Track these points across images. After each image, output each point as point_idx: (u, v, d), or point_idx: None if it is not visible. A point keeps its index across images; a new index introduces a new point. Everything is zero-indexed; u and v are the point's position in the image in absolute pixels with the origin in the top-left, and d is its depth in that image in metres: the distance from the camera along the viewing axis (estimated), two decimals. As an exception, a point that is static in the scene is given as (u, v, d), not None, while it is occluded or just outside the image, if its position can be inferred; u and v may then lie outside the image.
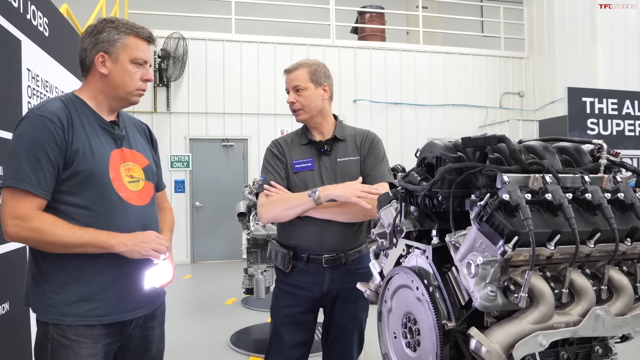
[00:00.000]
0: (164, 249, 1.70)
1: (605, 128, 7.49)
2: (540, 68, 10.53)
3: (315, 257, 2.25)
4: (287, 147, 2.37)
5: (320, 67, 2.34)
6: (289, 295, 2.31)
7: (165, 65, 8.85)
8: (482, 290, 1.03)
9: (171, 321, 2.12)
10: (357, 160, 2.32)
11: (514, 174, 1.11)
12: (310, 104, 2.30)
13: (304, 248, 2.27)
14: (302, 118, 2.33)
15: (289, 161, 2.32)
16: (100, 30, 1.69)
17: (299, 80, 2.29)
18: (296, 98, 2.30)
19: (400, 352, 1.28)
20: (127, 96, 1.75)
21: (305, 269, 2.27)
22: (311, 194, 2.13)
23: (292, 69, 2.32)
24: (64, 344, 1.60)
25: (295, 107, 2.31)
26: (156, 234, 1.73)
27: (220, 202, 9.03)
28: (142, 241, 1.65)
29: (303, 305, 2.30)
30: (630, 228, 1.11)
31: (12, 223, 1.54)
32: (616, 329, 1.07)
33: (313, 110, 2.31)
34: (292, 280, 2.30)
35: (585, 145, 1.31)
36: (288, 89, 2.33)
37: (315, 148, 2.33)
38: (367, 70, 9.90)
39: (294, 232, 2.28)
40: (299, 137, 2.39)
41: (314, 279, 2.27)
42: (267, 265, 4.53)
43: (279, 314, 2.33)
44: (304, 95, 2.29)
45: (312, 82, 2.29)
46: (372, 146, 2.35)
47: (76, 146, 1.61)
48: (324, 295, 2.29)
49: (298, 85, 2.29)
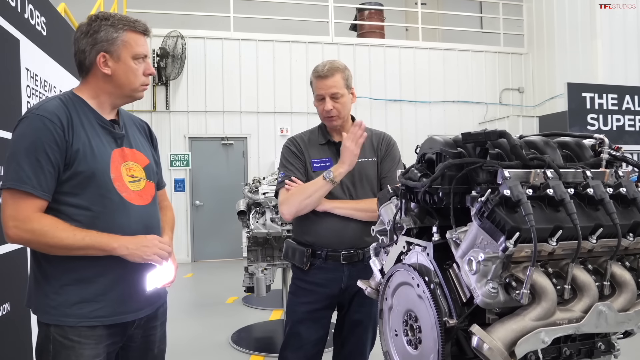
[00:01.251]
0: (166, 254, 1.68)
1: (605, 123, 7.49)
2: (540, 64, 10.51)
3: (334, 253, 2.27)
4: (305, 145, 2.38)
5: (348, 71, 2.35)
6: (307, 292, 2.33)
7: (164, 64, 8.83)
8: (484, 287, 1.02)
9: (172, 320, 2.12)
10: (374, 162, 2.35)
11: (515, 169, 1.10)
12: (346, 110, 2.32)
13: (322, 245, 2.28)
14: (337, 124, 2.33)
15: (308, 159, 2.34)
16: (96, 29, 1.65)
17: (337, 87, 2.27)
18: (334, 105, 2.27)
19: (402, 350, 1.28)
20: (132, 93, 1.74)
21: (324, 265, 2.29)
22: (326, 176, 2.15)
23: (329, 75, 2.27)
24: (66, 345, 1.59)
25: (333, 113, 2.29)
26: (158, 238, 1.71)
27: (220, 200, 9.02)
28: (144, 245, 1.64)
29: (321, 302, 2.32)
30: (633, 223, 1.10)
31: (13, 225, 1.53)
32: (619, 325, 1.06)
33: (347, 116, 2.35)
34: (310, 277, 2.32)
35: (586, 140, 1.31)
36: (323, 95, 2.28)
37: (334, 148, 2.34)
38: (366, 68, 9.89)
39: (311, 228, 2.29)
40: (316, 136, 2.40)
41: (332, 275, 2.29)
42: (268, 264, 4.53)
43: (297, 310, 2.34)
44: (341, 102, 2.29)
45: (346, 87, 2.31)
46: (389, 148, 2.39)
47: (76, 146, 1.60)
48: (342, 292, 2.32)
49: (337, 93, 2.27)
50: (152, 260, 1.64)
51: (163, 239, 1.74)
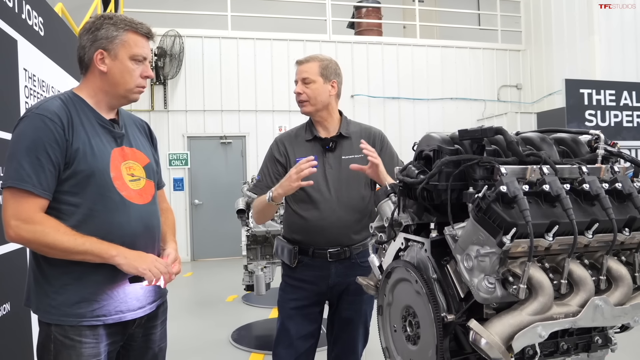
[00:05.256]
0: (159, 275, 1.66)
1: (604, 119, 7.48)
2: (538, 60, 10.51)
3: (320, 251, 2.29)
4: (291, 143, 2.39)
5: (332, 63, 2.37)
6: (295, 289, 2.35)
7: (161, 63, 8.82)
8: (481, 282, 1.03)
9: (172, 319, 2.12)
10: (362, 158, 2.32)
11: (512, 165, 1.11)
12: (317, 97, 2.32)
13: (309, 243, 2.31)
14: (307, 110, 2.35)
15: (292, 158, 2.34)
16: (98, 27, 1.67)
17: (308, 72, 2.32)
18: (303, 89, 2.32)
19: (401, 346, 1.29)
20: (126, 94, 1.73)
21: (311, 263, 2.31)
22: (267, 195, 2.20)
23: (304, 61, 2.35)
24: (67, 344, 1.59)
25: (302, 98, 2.33)
26: (158, 259, 1.70)
27: (219, 199, 9.02)
28: (141, 258, 1.64)
29: (309, 299, 2.34)
30: (629, 218, 1.11)
31: (14, 225, 1.53)
32: (615, 319, 1.07)
33: (319, 104, 2.34)
34: (298, 274, 2.34)
35: (582, 136, 1.32)
36: (296, 79, 2.35)
37: (320, 144, 2.35)
38: (364, 65, 9.88)
39: (298, 227, 2.32)
40: (304, 132, 2.41)
41: (319, 272, 2.31)
42: (267, 262, 4.54)
43: (286, 307, 2.37)
44: (311, 87, 2.31)
45: (322, 76, 2.32)
46: (384, 145, 2.41)
47: (76, 145, 1.60)
48: (330, 289, 2.34)
49: (307, 78, 2.31)
50: (145, 275, 1.63)
51: (162, 261, 1.72)
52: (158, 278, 1.66)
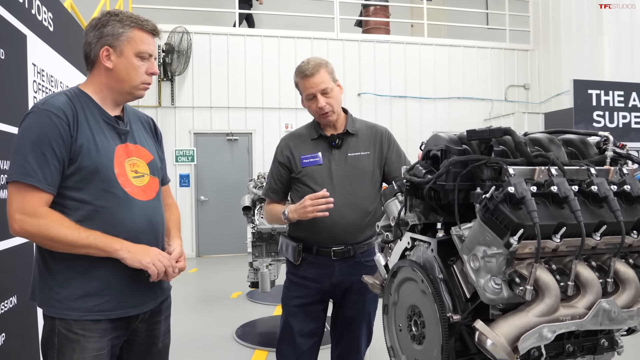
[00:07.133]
0: (162, 268, 1.66)
1: (612, 120, 7.44)
2: (546, 60, 10.45)
3: (324, 249, 2.29)
4: (296, 143, 2.39)
5: (330, 64, 2.35)
6: (298, 286, 2.35)
7: (169, 60, 8.84)
8: (488, 283, 1.03)
9: (177, 315, 2.13)
10: (368, 155, 2.33)
11: (520, 166, 1.11)
12: (338, 104, 2.31)
13: (313, 240, 2.31)
14: (333, 119, 2.32)
15: (297, 157, 2.34)
16: (104, 23, 1.68)
17: (325, 82, 2.25)
18: (327, 101, 2.26)
19: (406, 345, 1.29)
20: (132, 90, 1.74)
21: (315, 261, 2.31)
22: (284, 212, 2.27)
23: (315, 72, 2.25)
24: (71, 338, 1.60)
25: (327, 109, 2.27)
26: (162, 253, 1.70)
27: (225, 196, 9.04)
28: (145, 252, 1.64)
29: (312, 297, 2.34)
30: (637, 220, 1.10)
31: (19, 218, 1.54)
32: (622, 321, 1.07)
33: (339, 110, 2.34)
34: (301, 272, 2.34)
35: (591, 138, 1.31)
36: (314, 93, 2.26)
37: (326, 142, 2.34)
38: (371, 64, 9.86)
39: (303, 225, 2.31)
40: (310, 130, 2.40)
41: (323, 270, 2.31)
42: (272, 259, 4.54)
43: (289, 304, 2.38)
44: (332, 96, 2.27)
45: (333, 81, 2.30)
46: (391, 143, 2.40)
47: (80, 141, 1.61)
48: (333, 287, 2.33)
49: (326, 88, 2.25)
50: (148, 269, 1.63)
51: (166, 255, 1.72)
52: (162, 272, 1.66)
